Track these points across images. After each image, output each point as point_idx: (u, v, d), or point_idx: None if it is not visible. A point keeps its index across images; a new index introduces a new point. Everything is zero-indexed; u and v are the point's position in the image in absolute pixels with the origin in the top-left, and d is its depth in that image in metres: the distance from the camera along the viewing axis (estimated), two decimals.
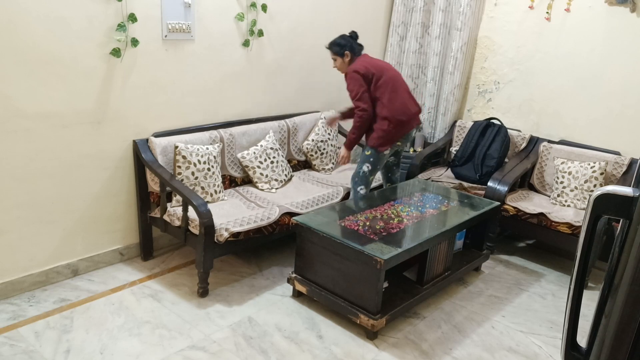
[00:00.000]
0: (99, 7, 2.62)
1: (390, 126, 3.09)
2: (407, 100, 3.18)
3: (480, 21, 4.13)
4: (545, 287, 3.21)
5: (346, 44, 3.17)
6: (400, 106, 3.12)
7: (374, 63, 3.16)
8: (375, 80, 3.09)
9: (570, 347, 1.18)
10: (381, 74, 3.10)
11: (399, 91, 3.14)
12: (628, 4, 3.38)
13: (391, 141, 3.16)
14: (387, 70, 3.16)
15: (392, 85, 3.11)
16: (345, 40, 3.19)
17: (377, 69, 3.11)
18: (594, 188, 3.39)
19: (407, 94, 3.21)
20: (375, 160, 3.19)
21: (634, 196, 1.00)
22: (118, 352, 2.32)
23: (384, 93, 3.09)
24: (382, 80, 3.09)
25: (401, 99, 3.13)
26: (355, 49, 3.20)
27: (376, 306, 2.47)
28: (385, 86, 3.09)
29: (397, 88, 3.13)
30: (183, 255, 3.25)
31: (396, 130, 3.13)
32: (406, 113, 3.14)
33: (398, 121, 3.11)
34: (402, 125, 3.15)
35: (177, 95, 3.11)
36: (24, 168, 2.57)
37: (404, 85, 3.21)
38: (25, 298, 2.69)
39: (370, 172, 3.21)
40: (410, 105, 3.19)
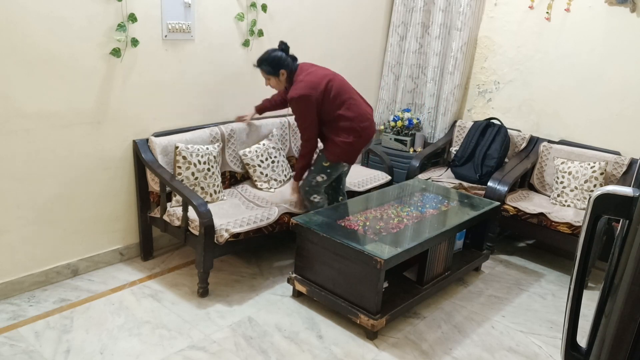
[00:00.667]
0: (99, 7, 2.62)
1: (355, 137, 2.87)
2: (362, 103, 2.97)
3: (480, 21, 4.13)
4: (545, 287, 3.21)
5: (279, 60, 2.84)
6: (361, 112, 2.90)
7: (317, 75, 2.83)
8: (327, 94, 2.81)
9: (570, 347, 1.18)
10: (331, 85, 2.83)
11: (353, 96, 2.92)
12: (628, 4, 3.38)
13: (359, 151, 2.96)
14: (334, 79, 2.88)
15: (344, 92, 2.87)
16: (277, 56, 2.85)
17: (325, 80, 2.82)
18: (594, 188, 3.39)
19: (360, 98, 3.00)
20: (334, 171, 2.99)
21: (634, 196, 1.00)
22: (118, 352, 2.32)
23: (343, 104, 2.85)
24: (334, 91, 2.83)
25: (359, 105, 2.92)
26: (289, 64, 2.86)
27: (376, 306, 2.47)
28: (338, 94, 2.83)
29: (350, 94, 2.90)
30: (183, 255, 3.25)
31: (362, 139, 2.91)
32: (368, 119, 2.93)
33: (362, 128, 2.88)
34: (366, 131, 2.91)
35: (177, 95, 3.11)
36: (24, 168, 2.57)
37: (354, 90, 2.99)
38: (25, 298, 2.69)
39: (324, 181, 3.01)
40: (366, 108, 2.98)
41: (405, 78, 4.47)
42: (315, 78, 2.81)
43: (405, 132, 4.35)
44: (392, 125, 4.38)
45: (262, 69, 2.91)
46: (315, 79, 2.81)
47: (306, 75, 2.83)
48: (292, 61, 2.91)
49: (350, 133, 2.87)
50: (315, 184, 3.00)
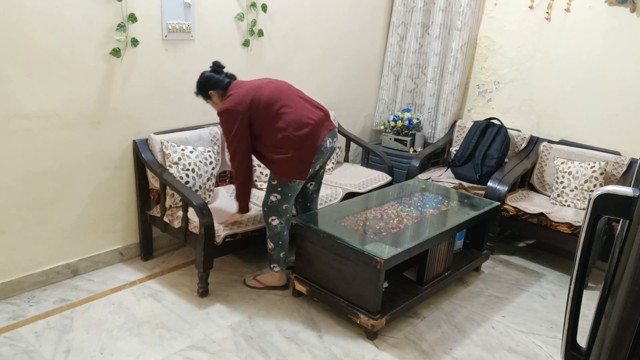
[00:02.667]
0: (99, 7, 2.62)
1: (295, 150, 2.52)
2: (304, 107, 2.61)
3: (480, 21, 4.13)
4: (545, 287, 3.21)
5: (205, 82, 2.69)
6: (297, 118, 2.54)
7: (245, 88, 2.60)
8: (255, 106, 2.54)
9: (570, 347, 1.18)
10: (260, 94, 2.56)
11: (290, 102, 2.59)
12: (628, 4, 3.38)
13: (307, 165, 2.58)
14: (266, 87, 2.61)
15: (276, 99, 2.57)
16: (201, 79, 2.70)
17: (254, 91, 2.57)
18: (594, 188, 3.39)
19: (304, 100, 2.66)
20: (285, 189, 2.65)
21: (634, 196, 1.00)
22: (118, 352, 2.32)
23: (268, 113, 2.55)
24: (262, 102, 2.55)
25: (296, 110, 2.57)
26: (220, 83, 2.67)
27: (376, 306, 2.47)
28: (269, 105, 2.55)
29: (286, 100, 2.59)
30: (183, 255, 3.25)
31: (306, 150, 2.55)
32: (307, 124, 2.54)
33: (301, 137, 2.52)
34: (308, 140, 2.55)
35: (177, 95, 3.11)
36: (24, 168, 2.57)
37: (295, 93, 2.67)
38: (25, 298, 2.69)
39: (280, 201, 2.67)
40: (309, 112, 2.60)
41: (405, 78, 4.47)
42: (242, 91, 2.58)
43: (405, 132, 4.35)
44: (392, 125, 4.38)
45: (198, 95, 2.75)
46: (242, 92, 2.58)
47: (235, 90, 2.61)
48: (226, 79, 2.69)
49: (287, 146, 2.53)
50: (271, 204, 2.68)
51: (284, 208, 2.71)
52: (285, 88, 2.68)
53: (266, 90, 2.60)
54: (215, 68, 2.72)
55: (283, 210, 2.71)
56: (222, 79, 2.69)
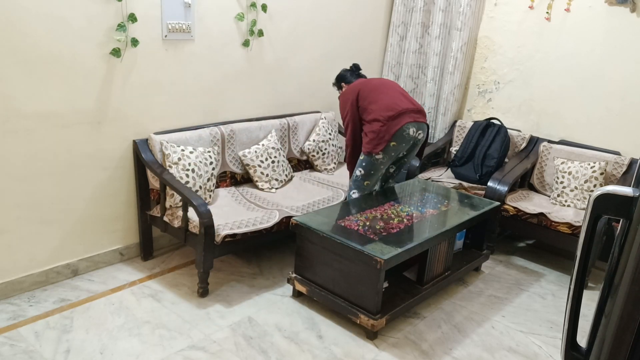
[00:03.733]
0: (99, 7, 2.62)
1: (378, 125, 2.96)
2: (397, 98, 3.05)
3: (480, 21, 4.13)
4: (545, 287, 3.21)
5: (341, 77, 3.36)
6: (388, 103, 3.00)
7: (362, 81, 3.20)
8: (360, 93, 3.07)
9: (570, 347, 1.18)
10: (366, 85, 3.12)
11: (385, 92, 3.06)
12: (628, 4, 3.38)
13: (383, 140, 2.97)
14: (373, 80, 3.19)
15: (377, 89, 3.07)
16: (340, 74, 3.38)
17: (363, 84, 3.14)
18: (594, 188, 3.39)
19: (399, 93, 3.10)
20: (368, 164, 3.04)
21: (634, 196, 1.00)
22: (118, 352, 2.32)
23: (369, 99, 3.04)
24: (367, 90, 3.07)
25: (389, 97, 3.03)
26: (348, 79, 3.31)
27: (376, 306, 2.47)
28: (370, 92, 3.06)
29: (382, 90, 3.07)
30: (183, 255, 3.25)
31: (386, 127, 2.95)
32: (394, 109, 2.97)
33: (385, 117, 2.95)
34: (391, 121, 2.96)
35: (177, 95, 3.11)
36: (24, 168, 2.57)
37: (395, 88, 3.14)
38: (25, 298, 2.69)
39: (363, 176, 3.08)
40: (400, 101, 3.03)
41: (405, 78, 4.47)
42: (356, 83, 3.18)
43: None
44: None
45: (333, 84, 3.44)
46: (356, 83, 3.18)
47: (354, 82, 3.23)
48: (354, 77, 3.32)
49: (374, 122, 2.99)
50: (356, 178, 3.13)
51: (365, 185, 3.12)
52: (390, 83, 3.21)
53: (374, 82, 3.17)
54: (352, 68, 3.38)
55: (364, 186, 3.13)
56: (351, 77, 3.33)
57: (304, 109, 3.96)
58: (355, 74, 3.34)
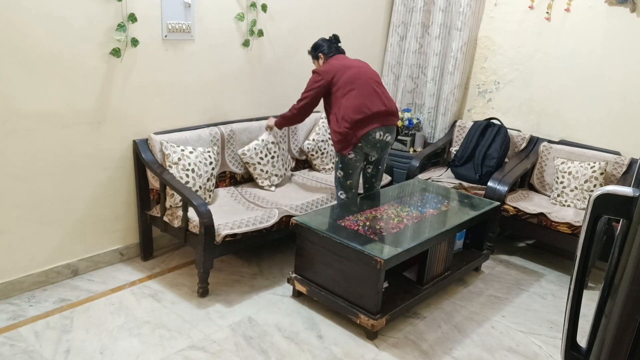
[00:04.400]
0: (99, 7, 2.62)
1: (344, 126, 2.92)
2: (369, 99, 2.95)
3: (480, 21, 4.13)
4: (545, 287, 3.21)
5: (318, 47, 3.21)
6: (356, 105, 2.92)
7: (341, 63, 3.07)
8: (335, 80, 2.99)
9: (570, 347, 1.18)
10: (342, 73, 2.99)
11: (358, 90, 2.95)
12: (628, 4, 3.38)
13: (349, 142, 2.95)
14: (351, 69, 3.02)
15: (350, 84, 2.96)
16: (318, 43, 3.23)
17: (340, 68, 3.02)
18: (594, 188, 3.39)
19: (372, 92, 2.98)
20: (345, 165, 3.05)
21: (634, 196, 1.00)
22: (118, 352, 2.32)
23: (340, 93, 2.97)
24: (341, 81, 2.97)
25: (359, 98, 2.93)
26: (327, 51, 3.17)
27: (376, 306, 2.47)
28: (343, 86, 2.96)
29: (356, 87, 2.95)
30: (183, 255, 3.25)
31: (352, 130, 2.92)
32: (362, 111, 2.91)
33: (352, 120, 2.91)
34: (358, 125, 2.92)
35: (177, 95, 3.11)
36: (24, 168, 2.57)
37: (369, 84, 3.00)
38: (25, 298, 2.69)
39: (344, 177, 3.10)
40: (371, 104, 2.95)
41: (405, 78, 4.47)
42: (332, 65, 3.07)
43: (405, 132, 4.35)
44: None
45: (309, 53, 3.28)
46: (332, 65, 3.06)
47: (331, 61, 3.12)
48: (334, 50, 3.19)
49: (344, 122, 2.94)
50: (337, 179, 3.16)
51: (348, 184, 3.13)
52: (366, 75, 3.04)
53: (350, 72, 3.01)
54: (331, 38, 3.23)
55: (347, 186, 3.13)
56: (329, 49, 3.18)
57: None
58: (335, 46, 3.20)
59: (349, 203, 3.11)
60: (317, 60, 3.24)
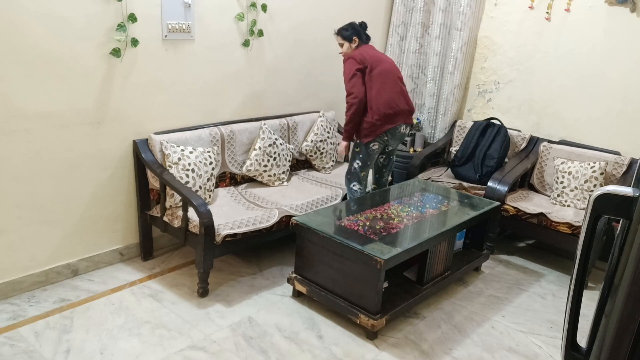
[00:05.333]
0: (99, 7, 2.62)
1: (374, 118, 3.08)
2: (397, 96, 3.15)
3: (480, 21, 4.13)
4: (545, 287, 3.21)
5: (355, 30, 3.22)
6: (388, 100, 3.10)
7: (373, 54, 3.16)
8: (368, 70, 3.08)
9: (570, 347, 1.18)
10: (376, 65, 3.10)
11: (389, 86, 3.12)
12: (628, 4, 3.38)
13: (376, 132, 3.12)
14: (384, 63, 3.15)
15: (383, 78, 3.10)
16: (355, 26, 3.24)
17: (374, 60, 3.11)
18: (594, 188, 3.39)
19: (399, 90, 3.18)
20: (365, 155, 3.20)
21: (634, 196, 1.00)
22: (118, 352, 2.32)
23: (374, 84, 3.08)
24: (375, 72, 3.08)
25: (390, 93, 3.11)
26: (362, 36, 3.22)
27: (376, 306, 2.47)
28: (377, 78, 3.08)
29: (388, 82, 3.12)
30: (183, 255, 3.25)
31: (382, 122, 3.10)
32: (393, 107, 3.11)
33: (383, 114, 3.08)
34: (388, 119, 3.11)
35: (177, 95, 3.11)
36: (24, 168, 2.57)
37: (397, 82, 3.18)
38: (25, 298, 2.69)
39: (361, 168, 3.23)
40: (399, 101, 3.15)
41: (405, 78, 4.46)
42: (366, 54, 3.12)
43: None
44: None
45: (341, 34, 3.23)
46: (366, 54, 3.12)
47: (365, 49, 3.17)
48: (366, 37, 3.24)
49: (373, 113, 3.08)
50: (354, 171, 3.25)
51: (363, 175, 3.25)
52: (394, 72, 3.19)
53: (382, 65, 3.13)
54: (362, 25, 3.26)
55: (362, 177, 3.26)
56: (364, 35, 3.23)
57: (304, 109, 3.96)
58: (365, 34, 3.26)
59: (349, 203, 3.11)
60: (349, 43, 3.21)
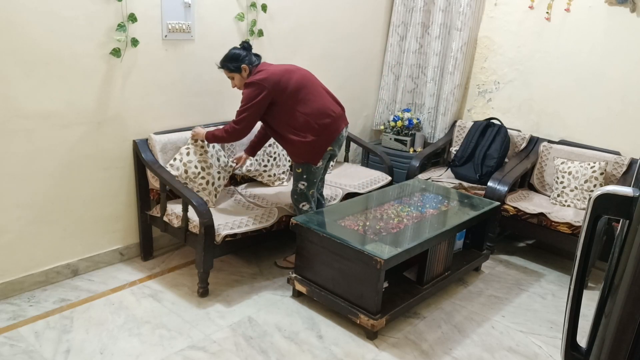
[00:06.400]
0: (99, 7, 2.62)
1: (311, 136, 2.74)
2: (327, 100, 2.84)
3: (480, 21, 4.13)
4: (545, 287, 3.21)
5: (239, 56, 2.76)
6: (321, 107, 2.77)
7: (278, 69, 2.76)
8: (283, 87, 2.70)
9: (570, 347, 1.18)
10: (288, 79, 2.72)
11: (315, 92, 2.79)
12: (628, 4, 3.38)
13: (320, 151, 2.80)
14: (295, 72, 2.78)
15: (304, 87, 2.76)
16: (236, 52, 2.78)
17: (284, 73, 2.73)
18: (594, 188, 3.39)
19: (326, 93, 2.87)
20: (310, 175, 2.87)
21: (634, 196, 1.00)
22: (118, 352, 2.32)
23: (296, 98, 2.72)
24: (290, 87, 2.72)
25: (320, 99, 2.79)
26: (251, 60, 2.78)
27: (376, 306, 2.47)
28: (296, 92, 2.73)
29: (311, 89, 2.79)
30: (183, 255, 3.25)
31: (323, 137, 2.77)
32: (328, 114, 2.78)
33: (322, 125, 2.75)
34: (328, 129, 2.78)
35: (177, 95, 3.11)
36: (24, 168, 2.57)
37: (319, 84, 2.87)
38: (25, 298, 2.69)
39: (308, 187, 2.90)
40: (331, 104, 2.83)
41: (405, 78, 4.47)
42: (273, 71, 2.72)
43: (405, 132, 4.35)
44: (392, 126, 4.38)
45: (226, 67, 2.79)
46: (273, 71, 2.72)
47: (266, 67, 2.76)
48: (255, 58, 2.81)
49: (307, 131, 2.74)
50: (300, 191, 2.92)
51: (311, 193, 2.96)
52: (311, 78, 2.87)
53: (295, 76, 2.77)
54: (245, 45, 2.83)
55: (310, 195, 2.96)
56: (254, 58, 2.82)
57: None
58: (254, 54, 2.83)
59: (349, 203, 3.10)
60: (239, 74, 2.77)
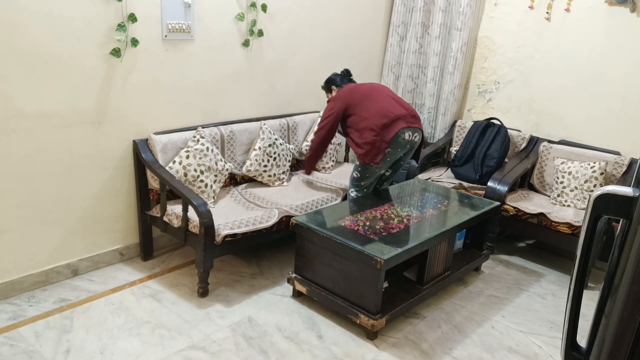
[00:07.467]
0: (99, 7, 2.62)
1: (372, 135, 2.93)
2: (389, 103, 3.02)
3: (480, 21, 4.13)
4: (545, 287, 3.21)
5: (330, 80, 3.33)
6: (379, 109, 2.97)
7: (352, 86, 3.17)
8: (351, 100, 3.05)
9: (570, 347, 1.18)
10: (357, 91, 3.09)
11: (376, 98, 3.03)
12: (628, 4, 3.38)
13: (380, 150, 2.96)
14: (363, 86, 3.15)
15: (368, 96, 3.04)
16: (330, 77, 3.35)
17: (352, 89, 3.12)
18: (594, 188, 3.39)
19: (391, 99, 3.06)
20: (364, 170, 3.09)
21: (634, 196, 1.00)
22: (118, 352, 2.32)
23: (360, 106, 3.02)
24: (356, 97, 3.05)
25: (380, 103, 3.00)
26: (339, 83, 3.28)
27: (376, 306, 2.47)
28: (361, 100, 3.03)
29: (373, 96, 3.04)
30: (183, 255, 3.25)
31: (381, 137, 2.94)
32: (387, 115, 2.95)
33: (379, 125, 2.93)
34: (385, 128, 2.94)
35: (177, 95, 3.11)
36: (24, 168, 2.57)
37: (385, 92, 3.11)
38: (25, 298, 2.69)
39: (359, 179, 3.14)
40: (392, 107, 3.00)
41: (405, 78, 4.47)
42: (349, 87, 3.17)
43: None
44: None
45: (323, 87, 3.41)
46: (349, 87, 3.17)
47: (344, 87, 3.21)
48: (345, 81, 3.30)
49: (368, 132, 2.96)
50: (353, 179, 3.19)
51: (362, 184, 3.16)
52: (380, 88, 3.16)
53: (364, 87, 3.14)
54: (344, 72, 3.36)
55: (361, 186, 3.17)
56: (342, 81, 3.30)
57: (304, 109, 3.96)
58: (347, 78, 3.32)
59: (349, 203, 3.10)
60: (329, 94, 3.34)
